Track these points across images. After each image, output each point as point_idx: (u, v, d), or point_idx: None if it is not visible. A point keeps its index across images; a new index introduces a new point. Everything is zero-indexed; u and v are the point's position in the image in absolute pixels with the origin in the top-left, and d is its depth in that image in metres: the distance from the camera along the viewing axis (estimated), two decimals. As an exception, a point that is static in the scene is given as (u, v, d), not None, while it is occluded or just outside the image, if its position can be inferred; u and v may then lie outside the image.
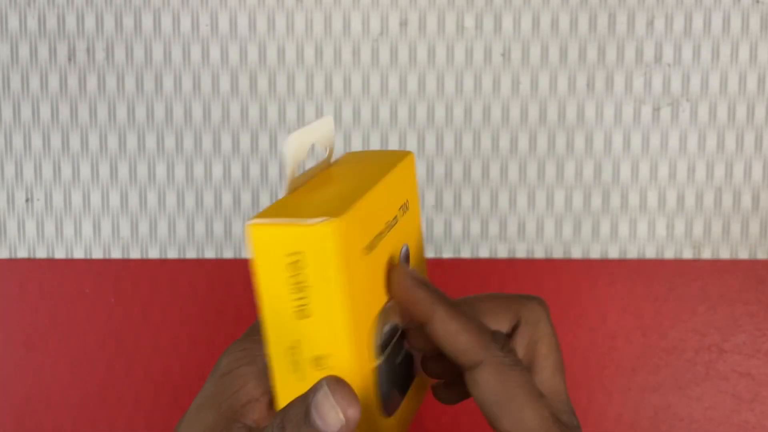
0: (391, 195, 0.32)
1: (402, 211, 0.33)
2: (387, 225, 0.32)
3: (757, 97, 0.54)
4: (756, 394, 0.54)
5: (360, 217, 0.29)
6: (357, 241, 0.29)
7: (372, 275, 0.30)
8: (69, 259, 0.56)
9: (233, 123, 0.55)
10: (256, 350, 0.33)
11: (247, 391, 0.32)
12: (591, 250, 0.54)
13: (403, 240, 0.33)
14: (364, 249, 0.29)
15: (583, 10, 0.54)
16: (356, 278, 0.29)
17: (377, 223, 0.31)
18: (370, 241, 0.30)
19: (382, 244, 0.31)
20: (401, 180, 0.33)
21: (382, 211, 0.31)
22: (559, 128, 0.54)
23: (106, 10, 0.55)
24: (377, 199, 0.31)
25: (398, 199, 0.33)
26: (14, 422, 0.56)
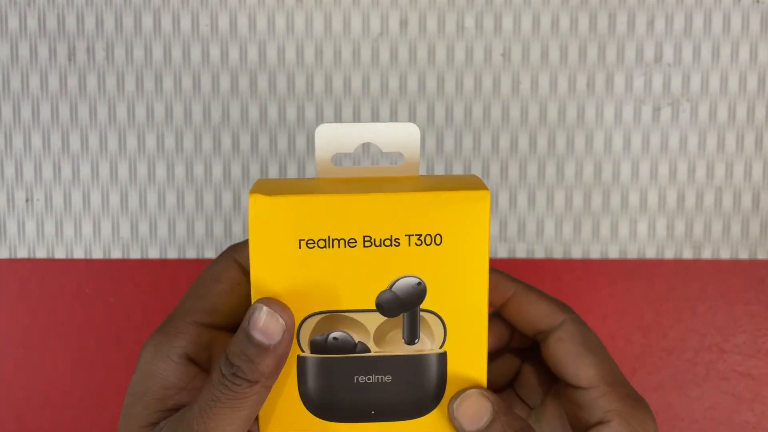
0: (396, 215, 0.32)
1: (418, 240, 0.32)
2: (366, 239, 0.32)
3: (757, 97, 0.54)
4: (756, 394, 0.54)
5: (305, 209, 0.31)
6: (287, 230, 0.32)
7: (311, 272, 0.32)
8: (69, 259, 0.56)
9: (233, 123, 0.55)
10: (167, 343, 0.34)
11: (168, 382, 0.33)
12: (591, 250, 0.54)
13: (410, 271, 0.33)
14: (302, 242, 0.32)
15: (583, 10, 0.54)
16: (279, 261, 0.32)
17: (342, 228, 0.32)
18: (318, 239, 0.32)
19: (348, 254, 0.32)
20: (435, 210, 0.32)
21: (361, 222, 0.32)
22: (559, 128, 0.54)
23: (106, 10, 0.55)
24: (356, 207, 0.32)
25: (411, 224, 0.32)
26: (14, 422, 0.56)
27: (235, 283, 0.35)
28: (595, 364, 0.34)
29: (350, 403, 0.33)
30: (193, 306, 0.35)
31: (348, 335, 0.33)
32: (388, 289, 0.33)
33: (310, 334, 0.33)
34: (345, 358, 0.33)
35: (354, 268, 0.32)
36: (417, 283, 0.33)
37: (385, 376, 0.33)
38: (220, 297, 0.35)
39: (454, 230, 0.32)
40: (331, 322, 0.33)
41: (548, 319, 0.35)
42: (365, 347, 0.33)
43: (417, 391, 0.34)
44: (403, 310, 0.33)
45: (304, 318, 0.33)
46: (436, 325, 0.33)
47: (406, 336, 0.33)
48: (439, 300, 0.33)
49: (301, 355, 0.33)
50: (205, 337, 0.35)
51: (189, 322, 0.35)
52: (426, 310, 0.33)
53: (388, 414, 0.34)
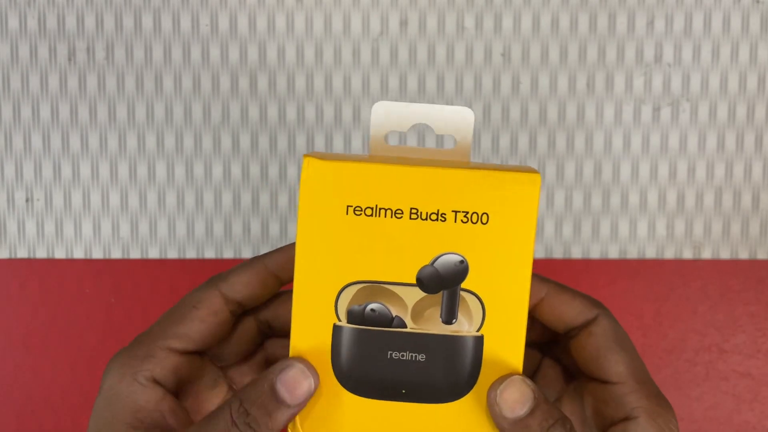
0: (445, 191, 0.32)
1: (464, 217, 0.32)
2: (413, 211, 0.32)
3: (757, 97, 0.54)
4: (756, 394, 0.55)
5: (355, 176, 0.32)
6: (336, 195, 0.32)
7: (356, 240, 0.32)
8: (69, 259, 0.56)
9: (233, 123, 0.55)
10: (135, 366, 0.34)
11: (137, 406, 0.33)
12: (591, 250, 0.55)
13: (454, 248, 0.33)
14: (350, 208, 0.32)
15: (583, 10, 0.54)
16: (326, 226, 0.32)
17: (390, 197, 0.32)
18: (365, 207, 0.32)
19: (394, 224, 0.32)
20: (484, 189, 0.32)
21: (409, 193, 0.32)
22: (559, 128, 0.54)
23: (106, 10, 0.55)
24: (406, 178, 0.32)
25: (459, 200, 0.32)
26: (14, 422, 0.56)
27: (212, 312, 0.35)
28: (625, 361, 0.34)
29: (382, 379, 0.33)
30: (165, 330, 0.35)
31: (386, 308, 0.33)
32: (430, 265, 0.32)
33: (348, 304, 0.33)
34: (381, 331, 0.33)
35: (398, 239, 0.32)
36: (459, 261, 0.32)
37: (420, 354, 0.33)
38: (194, 324, 0.35)
39: (502, 211, 0.32)
40: (370, 293, 0.33)
41: (582, 315, 0.35)
42: (402, 322, 0.33)
43: (450, 374, 0.33)
44: (443, 288, 0.33)
45: (344, 286, 0.33)
46: (475, 307, 0.33)
47: (444, 315, 0.33)
48: (481, 281, 0.33)
49: (337, 324, 0.33)
50: (173, 361, 0.34)
51: (159, 345, 0.34)
52: (466, 290, 0.33)
53: (418, 394, 0.33)
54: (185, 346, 0.35)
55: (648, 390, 0.34)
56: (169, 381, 0.34)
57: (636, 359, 0.35)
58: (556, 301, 0.35)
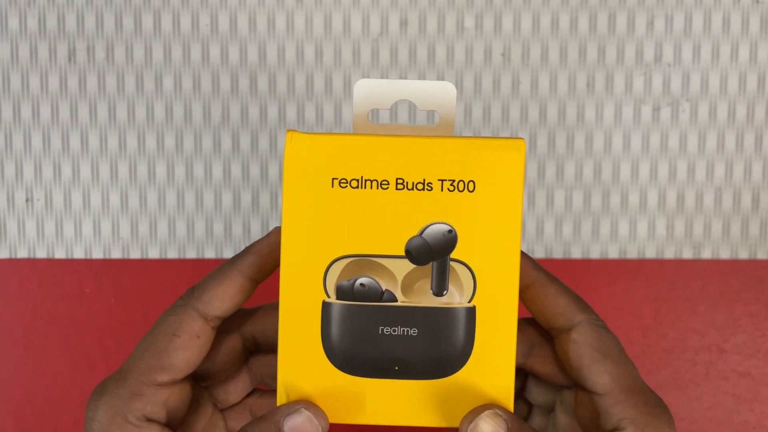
0: (430, 160, 0.32)
1: (451, 186, 0.32)
2: (399, 181, 0.32)
3: (757, 97, 0.54)
4: (756, 394, 0.54)
5: (340, 148, 0.32)
6: (321, 168, 0.32)
7: (342, 213, 0.32)
8: (69, 259, 0.56)
9: (233, 123, 0.55)
10: (125, 406, 0.33)
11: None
12: (591, 250, 0.55)
13: (442, 217, 0.32)
14: (335, 180, 0.32)
15: (583, 10, 0.54)
16: (312, 200, 0.32)
17: (375, 168, 0.32)
18: (350, 179, 0.32)
19: (380, 195, 0.32)
20: (470, 156, 0.32)
21: (394, 164, 0.32)
22: (559, 128, 0.54)
23: (106, 10, 0.55)
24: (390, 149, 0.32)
25: (445, 169, 0.32)
26: (14, 422, 0.56)
27: (193, 336, 0.34)
28: (609, 370, 0.33)
29: (374, 356, 0.32)
30: (148, 365, 0.33)
31: (375, 282, 0.32)
32: (418, 235, 0.32)
33: (336, 279, 0.32)
34: (371, 306, 0.32)
35: (385, 210, 0.32)
36: (448, 231, 0.32)
37: (411, 329, 0.32)
38: (177, 353, 0.34)
39: (488, 178, 0.32)
40: (358, 267, 0.32)
41: (562, 317, 0.34)
42: (392, 296, 0.32)
43: (444, 347, 0.32)
44: (432, 258, 0.32)
45: (332, 261, 0.32)
46: (465, 277, 0.32)
47: (435, 286, 0.32)
48: (470, 250, 0.32)
49: (326, 301, 0.32)
50: (162, 395, 0.34)
51: (145, 382, 0.33)
52: (456, 260, 0.32)
53: (412, 371, 0.33)
54: (173, 377, 0.34)
55: (636, 399, 0.33)
56: (161, 416, 0.34)
57: (622, 366, 0.34)
58: (539, 294, 0.34)
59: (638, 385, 0.34)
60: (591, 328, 0.34)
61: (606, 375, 0.33)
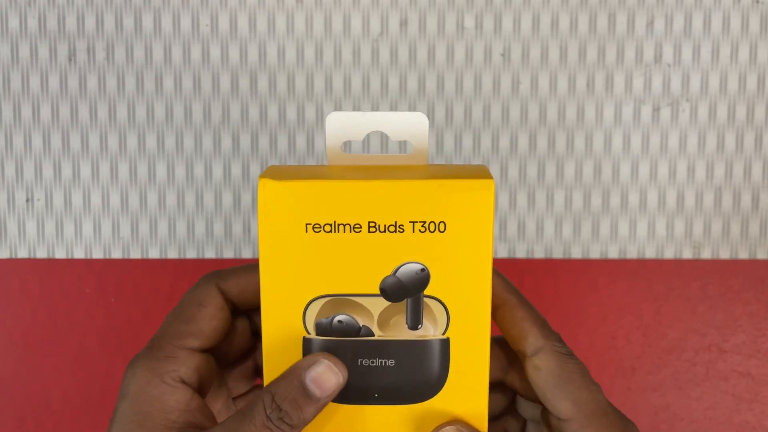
0: (401, 202, 0.33)
1: (422, 227, 0.33)
2: (371, 224, 0.33)
3: (757, 97, 0.54)
4: (756, 394, 0.55)
5: (312, 194, 0.33)
6: (294, 214, 0.33)
7: (317, 256, 0.33)
8: (69, 259, 0.56)
9: (233, 123, 0.55)
10: (161, 367, 0.34)
11: (168, 407, 0.33)
12: (591, 250, 0.55)
13: (414, 257, 0.33)
14: (309, 226, 0.33)
15: (583, 10, 0.54)
16: (287, 244, 0.33)
17: (348, 213, 0.33)
18: (324, 224, 0.33)
19: (354, 239, 0.33)
20: (439, 198, 0.33)
21: (366, 208, 0.33)
22: (559, 128, 0.54)
23: (106, 10, 0.55)
24: (362, 193, 0.33)
25: (416, 211, 0.33)
26: (14, 422, 0.56)
27: (219, 308, 0.35)
28: (571, 397, 0.34)
29: (354, 385, 0.34)
30: (180, 330, 0.35)
31: (352, 318, 0.34)
32: (392, 275, 0.33)
33: (315, 317, 0.34)
34: (349, 340, 0.34)
35: (359, 253, 0.33)
36: (420, 270, 0.33)
37: (389, 360, 0.34)
38: (205, 321, 0.35)
39: (458, 218, 0.33)
40: (336, 306, 0.34)
41: (525, 342, 0.35)
42: (369, 331, 0.34)
43: (420, 376, 0.34)
44: (406, 296, 0.33)
45: (310, 301, 0.34)
46: (439, 312, 0.34)
47: (410, 321, 0.34)
48: (443, 287, 0.33)
49: (306, 337, 0.34)
50: (194, 360, 0.35)
51: (177, 345, 0.35)
52: (429, 296, 0.33)
53: (391, 397, 0.34)
54: (202, 344, 0.35)
55: (599, 423, 0.34)
56: (194, 380, 0.35)
57: (585, 392, 0.34)
58: (506, 316, 0.35)
59: (602, 409, 0.34)
60: (553, 355, 0.34)
61: (567, 401, 0.34)
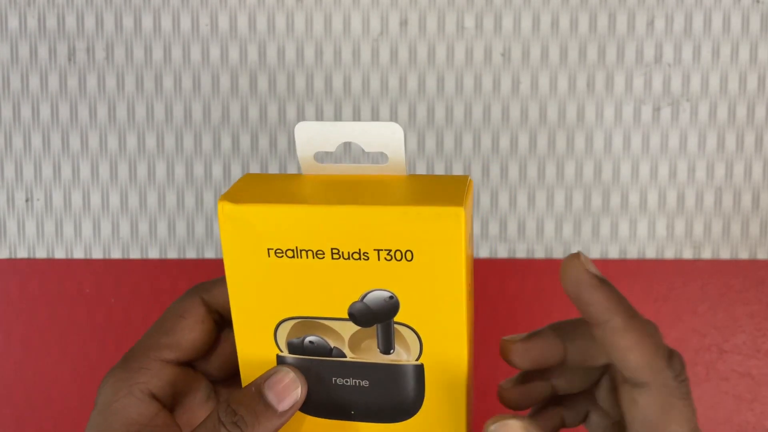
0: (365, 229, 0.31)
1: (387, 255, 0.31)
2: (334, 251, 0.31)
3: (757, 97, 0.54)
4: (756, 394, 0.55)
5: (271, 219, 0.31)
6: (256, 238, 0.31)
7: (282, 280, 0.32)
8: (69, 259, 0.56)
9: (233, 123, 0.55)
10: (129, 379, 0.34)
11: (131, 420, 0.33)
12: (591, 250, 0.55)
13: (381, 285, 0.31)
14: (271, 251, 0.31)
15: (583, 10, 0.54)
16: (251, 267, 0.32)
17: (309, 239, 0.31)
18: (285, 249, 0.31)
19: (317, 264, 0.31)
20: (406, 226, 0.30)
21: (328, 234, 0.31)
22: (559, 128, 0.54)
23: (106, 10, 0.55)
24: (323, 218, 0.31)
25: (381, 238, 0.31)
26: (14, 422, 0.56)
27: (199, 320, 0.35)
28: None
29: (329, 401, 0.33)
30: (156, 342, 0.35)
31: (323, 340, 0.33)
32: (360, 301, 0.32)
33: (286, 336, 0.33)
34: (323, 360, 0.33)
35: (324, 279, 0.31)
36: (389, 297, 0.31)
37: (363, 380, 0.33)
38: (183, 333, 0.35)
39: (426, 248, 0.30)
40: (305, 327, 0.33)
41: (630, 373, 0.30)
42: (341, 353, 0.33)
43: (395, 398, 0.33)
44: (375, 322, 0.32)
45: (279, 322, 0.33)
46: (411, 339, 0.32)
47: (381, 346, 0.32)
48: (414, 314, 0.32)
49: (280, 355, 0.33)
50: (167, 373, 0.34)
51: (152, 357, 0.34)
52: (400, 323, 0.32)
53: (367, 415, 0.33)
54: (177, 356, 0.35)
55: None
56: (166, 394, 0.34)
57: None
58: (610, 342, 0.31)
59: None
60: (658, 396, 0.30)
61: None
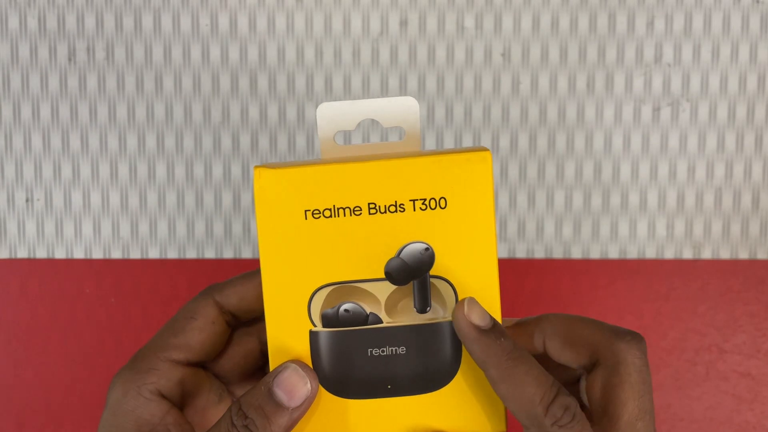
0: (399, 181, 0.32)
1: (423, 204, 0.32)
2: (371, 206, 0.32)
3: (757, 97, 0.54)
4: (756, 394, 0.55)
5: (308, 180, 0.32)
6: (293, 202, 0.32)
7: (319, 243, 0.32)
8: (69, 259, 0.56)
9: (233, 123, 0.55)
10: (139, 379, 0.34)
11: (142, 420, 0.33)
12: (591, 250, 0.55)
13: (417, 236, 0.33)
14: (308, 212, 0.32)
15: (583, 10, 0.54)
16: (287, 234, 0.32)
17: (346, 196, 0.32)
18: (323, 209, 0.32)
19: (354, 222, 0.32)
20: (438, 173, 0.32)
21: (364, 189, 0.32)
22: (559, 128, 0.54)
23: (106, 10, 0.55)
24: (358, 175, 0.32)
25: (415, 188, 0.32)
26: (15, 422, 0.56)
27: (209, 321, 0.35)
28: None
29: (365, 377, 0.33)
30: (166, 342, 0.35)
31: (359, 306, 0.33)
32: (396, 257, 0.32)
33: (321, 308, 0.33)
34: (357, 330, 0.33)
35: (361, 236, 0.32)
36: (425, 249, 0.33)
37: (399, 347, 0.33)
38: (193, 333, 0.35)
39: (458, 192, 0.32)
40: (341, 294, 0.33)
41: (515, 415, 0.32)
42: (377, 318, 0.33)
43: (432, 362, 0.33)
44: (412, 278, 0.33)
45: (314, 291, 0.33)
46: (447, 292, 0.33)
47: (418, 304, 0.33)
48: (448, 266, 0.33)
49: (313, 330, 0.33)
50: (177, 373, 0.35)
51: (161, 358, 0.34)
52: (436, 276, 0.33)
53: (404, 387, 0.33)
54: (187, 357, 0.35)
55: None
56: (175, 394, 0.35)
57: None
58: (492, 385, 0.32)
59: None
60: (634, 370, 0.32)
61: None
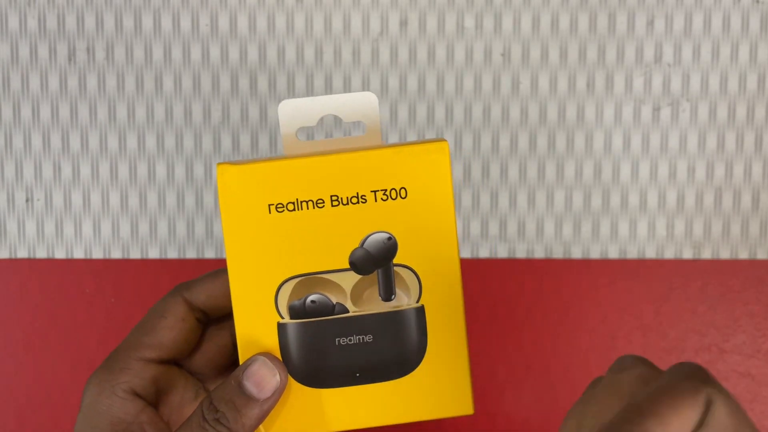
0: (360, 173, 0.33)
1: (384, 195, 0.33)
2: (333, 198, 0.33)
3: (757, 97, 0.54)
4: (756, 394, 0.55)
5: (271, 175, 0.33)
6: (256, 197, 0.33)
7: (283, 236, 0.33)
8: (69, 259, 0.56)
9: (233, 123, 0.55)
10: (112, 379, 0.34)
11: (116, 419, 0.34)
12: (591, 250, 0.55)
13: (379, 226, 0.33)
14: (272, 207, 0.33)
15: (583, 10, 0.54)
16: (251, 229, 0.33)
17: (308, 189, 0.33)
18: (286, 203, 0.33)
19: (318, 214, 0.33)
20: (397, 164, 0.33)
21: (326, 182, 0.33)
22: (559, 128, 0.54)
23: (106, 10, 0.55)
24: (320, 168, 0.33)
25: (375, 180, 0.33)
26: (14, 422, 0.56)
27: (179, 318, 0.36)
28: None
29: (334, 366, 0.34)
30: (138, 341, 0.35)
31: (325, 297, 0.34)
32: (360, 247, 0.33)
33: (288, 300, 0.34)
34: (324, 320, 0.34)
35: (324, 228, 0.33)
36: (387, 238, 0.33)
37: (366, 335, 0.34)
38: (164, 332, 0.35)
39: (418, 182, 0.33)
40: (307, 286, 0.34)
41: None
42: (344, 308, 0.34)
43: (399, 348, 0.34)
44: (376, 267, 0.34)
45: (281, 284, 0.33)
46: (411, 280, 0.34)
47: (382, 292, 0.34)
48: (411, 254, 0.34)
49: (281, 322, 0.34)
50: (150, 371, 0.35)
51: (133, 357, 0.35)
52: (399, 264, 0.33)
53: (373, 375, 0.34)
54: (159, 355, 0.35)
55: None
56: (149, 392, 0.35)
57: None
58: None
59: None
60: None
61: None
